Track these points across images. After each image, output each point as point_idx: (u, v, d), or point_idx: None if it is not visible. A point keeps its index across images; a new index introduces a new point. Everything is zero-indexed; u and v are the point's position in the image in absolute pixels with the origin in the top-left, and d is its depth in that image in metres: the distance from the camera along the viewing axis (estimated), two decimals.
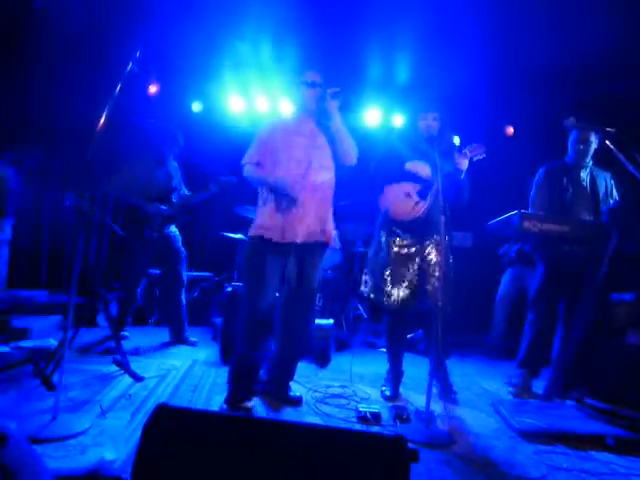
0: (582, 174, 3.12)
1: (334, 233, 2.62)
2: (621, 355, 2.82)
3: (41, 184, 4.50)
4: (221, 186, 3.64)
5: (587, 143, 3.04)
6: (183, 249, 3.83)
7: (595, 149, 3.08)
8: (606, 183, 3.13)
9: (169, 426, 1.28)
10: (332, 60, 4.50)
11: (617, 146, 2.37)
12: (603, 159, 3.13)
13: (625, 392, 2.70)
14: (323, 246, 2.58)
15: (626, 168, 2.27)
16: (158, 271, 4.13)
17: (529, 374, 3.12)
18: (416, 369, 3.18)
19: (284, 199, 2.43)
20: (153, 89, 5.20)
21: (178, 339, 3.75)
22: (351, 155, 2.56)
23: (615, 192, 3.14)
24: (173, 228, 3.81)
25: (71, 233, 4.47)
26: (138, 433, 1.22)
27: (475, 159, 2.72)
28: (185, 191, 3.89)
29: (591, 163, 3.13)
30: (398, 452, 1.21)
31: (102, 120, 2.16)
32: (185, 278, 3.83)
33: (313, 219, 2.47)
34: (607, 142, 2.40)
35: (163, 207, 3.65)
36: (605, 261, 2.67)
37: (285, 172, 2.45)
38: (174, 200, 3.74)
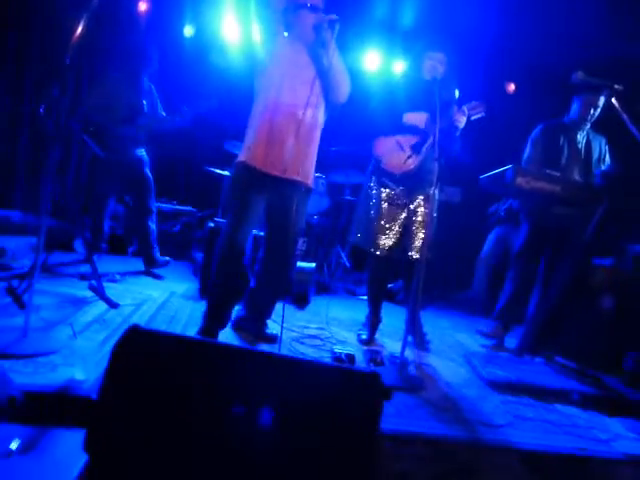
0: (579, 136, 3.09)
1: (313, 170, 2.52)
2: (594, 318, 2.88)
3: (16, 94, 4.21)
4: (197, 110, 3.44)
5: (596, 107, 2.98)
6: (150, 175, 3.63)
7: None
8: (600, 147, 3.12)
9: (140, 348, 1.24)
10: None
11: (622, 105, 2.29)
12: (599, 123, 3.09)
13: (594, 354, 2.78)
14: (306, 189, 2.49)
15: (628, 128, 2.19)
16: None
17: (503, 328, 3.20)
18: (393, 318, 3.21)
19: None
20: (143, 7, 4.86)
21: (145, 270, 3.67)
22: (343, 92, 2.42)
23: (608, 158, 3.12)
24: (141, 152, 3.61)
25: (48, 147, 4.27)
26: None
27: (473, 118, 2.64)
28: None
29: (588, 126, 3.08)
30: (372, 388, 1.20)
31: (80, 27, 1.98)
32: (152, 205, 3.66)
33: (296, 154, 2.35)
34: (613, 100, 2.31)
35: (126, 127, 3.42)
36: (593, 224, 2.66)
37: (276, 102, 2.32)
38: (141, 123, 3.50)
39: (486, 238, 4.57)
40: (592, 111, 3.00)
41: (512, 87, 5.28)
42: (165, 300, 3.02)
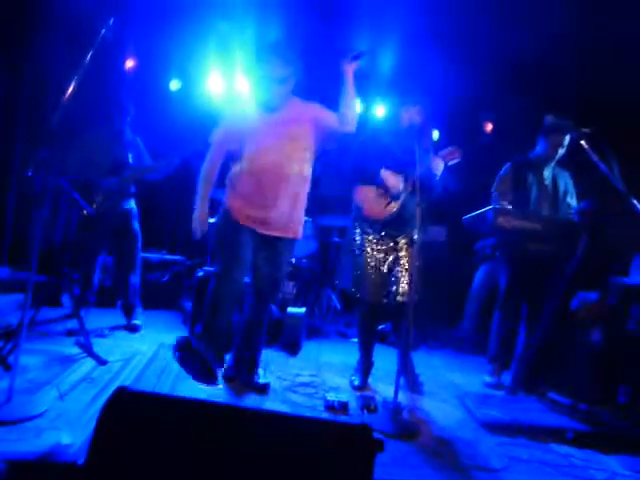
0: (545, 172, 3.20)
1: (302, 221, 2.57)
2: (584, 352, 2.90)
3: (4, 151, 4.26)
4: (183, 154, 3.46)
5: (563, 147, 3.12)
6: (138, 228, 3.60)
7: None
8: (566, 182, 3.24)
9: (128, 410, 1.23)
10: (315, 46, 4.43)
11: (591, 146, 2.40)
12: (564, 159, 3.22)
13: (586, 388, 2.78)
14: (291, 241, 2.54)
15: (599, 169, 2.29)
16: None
17: (500, 368, 3.19)
18: (386, 361, 3.19)
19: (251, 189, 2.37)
20: (130, 64, 5.04)
21: (126, 324, 3.57)
22: (351, 123, 2.43)
23: (574, 192, 3.23)
24: (131, 204, 3.59)
25: (37, 206, 4.27)
26: None
27: (450, 164, 2.74)
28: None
29: (554, 162, 3.20)
30: (363, 441, 1.19)
31: (70, 89, 2.06)
32: (138, 259, 3.62)
33: (282, 214, 2.38)
34: (582, 142, 2.42)
35: (112, 180, 3.41)
36: (575, 259, 2.71)
37: (253, 161, 2.35)
38: (126, 175, 3.48)
39: (474, 275, 4.61)
40: (560, 150, 3.12)
41: (489, 127, 5.48)
42: (155, 353, 2.99)
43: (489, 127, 5.49)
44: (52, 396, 2.05)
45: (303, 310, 3.67)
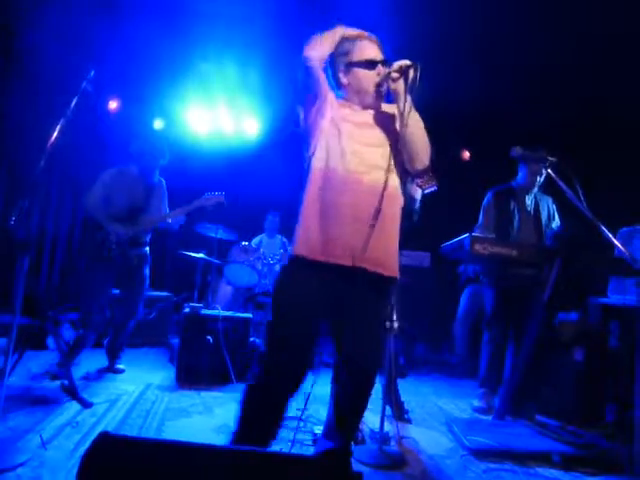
0: (527, 199, 3.32)
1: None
2: (568, 372, 2.95)
3: None
4: (207, 203, 3.43)
5: (541, 175, 3.25)
6: (147, 274, 3.46)
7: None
8: (548, 207, 3.36)
9: (111, 457, 1.24)
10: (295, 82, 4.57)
11: (558, 174, 2.50)
12: (545, 184, 3.35)
13: (573, 408, 2.81)
14: (389, 282, 1.84)
15: (566, 195, 2.39)
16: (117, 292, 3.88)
17: (490, 392, 3.22)
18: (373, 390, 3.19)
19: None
20: (113, 105, 5.15)
21: (110, 366, 3.47)
22: (422, 157, 1.82)
23: (557, 216, 3.35)
24: (144, 249, 3.44)
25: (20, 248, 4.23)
26: None
27: (427, 191, 2.84)
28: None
29: (536, 189, 3.33)
30: (340, 476, 1.21)
31: (54, 135, 2.13)
32: (140, 307, 3.48)
33: (381, 241, 1.73)
34: (549, 170, 2.53)
35: (123, 230, 3.27)
36: (550, 283, 2.78)
37: (331, 170, 1.75)
38: (142, 221, 3.34)
39: (460, 299, 4.67)
40: (539, 178, 3.26)
41: (467, 154, 5.64)
42: (140, 393, 2.96)
43: (467, 155, 5.65)
44: (35, 443, 2.02)
45: None
